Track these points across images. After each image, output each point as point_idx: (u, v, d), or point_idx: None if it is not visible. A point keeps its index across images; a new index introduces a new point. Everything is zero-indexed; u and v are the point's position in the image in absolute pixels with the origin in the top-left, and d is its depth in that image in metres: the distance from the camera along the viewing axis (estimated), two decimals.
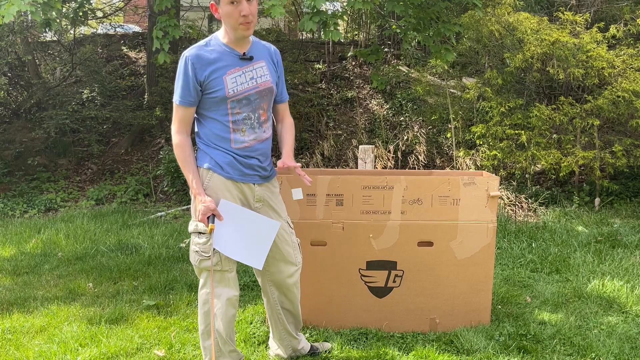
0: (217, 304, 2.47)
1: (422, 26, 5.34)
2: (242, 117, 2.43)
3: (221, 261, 2.43)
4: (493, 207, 3.11)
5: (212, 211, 2.37)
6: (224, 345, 2.53)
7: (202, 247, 2.42)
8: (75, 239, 5.23)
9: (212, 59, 2.37)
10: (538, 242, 4.98)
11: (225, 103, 2.39)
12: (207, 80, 2.36)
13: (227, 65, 2.39)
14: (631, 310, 3.48)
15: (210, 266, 2.43)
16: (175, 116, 2.42)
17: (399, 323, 3.16)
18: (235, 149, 2.43)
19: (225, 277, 2.48)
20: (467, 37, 6.83)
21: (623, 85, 5.88)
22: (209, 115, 2.43)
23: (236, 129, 2.43)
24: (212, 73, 2.36)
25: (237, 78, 2.40)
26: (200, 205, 2.36)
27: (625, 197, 6.53)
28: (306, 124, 8.37)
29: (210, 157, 2.44)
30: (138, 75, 9.87)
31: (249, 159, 2.47)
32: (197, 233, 2.43)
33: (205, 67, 2.35)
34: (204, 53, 2.38)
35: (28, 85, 8.73)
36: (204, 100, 2.40)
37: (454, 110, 7.12)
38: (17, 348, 2.99)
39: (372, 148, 4.20)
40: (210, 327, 2.50)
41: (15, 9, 3.99)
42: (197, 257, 2.45)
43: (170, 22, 5.01)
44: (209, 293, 2.48)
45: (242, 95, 2.41)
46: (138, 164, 8.13)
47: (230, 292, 2.49)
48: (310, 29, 4.23)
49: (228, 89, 2.38)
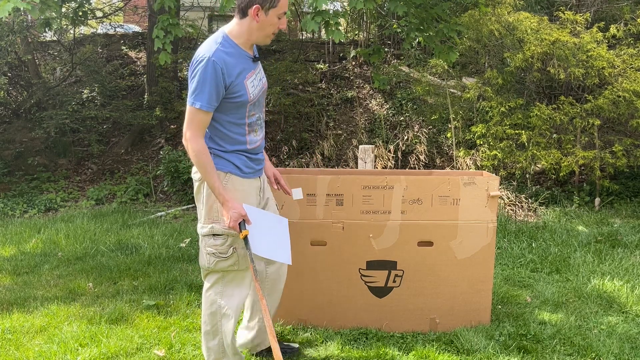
0: (228, 304, 2.49)
1: (424, 27, 5.33)
2: (255, 119, 2.49)
3: (239, 260, 2.46)
4: (493, 207, 3.11)
5: (243, 217, 2.37)
6: (228, 348, 2.54)
7: (219, 249, 2.43)
8: (75, 239, 5.23)
9: (235, 63, 2.35)
10: (538, 242, 4.98)
11: (245, 107, 2.40)
12: (232, 85, 2.34)
13: (245, 69, 2.39)
14: (631, 310, 3.48)
15: (225, 267, 2.45)
16: (192, 121, 2.32)
17: (399, 323, 3.16)
18: (250, 149, 2.47)
19: (240, 276, 2.50)
20: (467, 37, 6.82)
21: (623, 85, 5.88)
22: (227, 119, 2.40)
23: (251, 130, 2.46)
24: (236, 78, 2.34)
25: (254, 81, 2.43)
26: (232, 212, 2.34)
27: (625, 197, 6.53)
28: (306, 123, 8.38)
29: (226, 161, 2.43)
30: (138, 75, 9.87)
31: (257, 155, 2.54)
32: (211, 235, 2.43)
33: (231, 72, 2.33)
34: (228, 57, 2.33)
35: (28, 85, 8.73)
36: (223, 104, 2.36)
37: (454, 110, 7.12)
38: (17, 348, 2.99)
39: (372, 148, 4.20)
40: (217, 327, 2.51)
41: (10, 5, 3.93)
42: (213, 259, 2.45)
43: (173, 21, 5.01)
44: (218, 293, 2.50)
45: (257, 98, 2.46)
46: (138, 163, 8.13)
47: (244, 291, 2.54)
48: (312, 29, 4.23)
49: (250, 93, 2.39)
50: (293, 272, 3.11)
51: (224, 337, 2.51)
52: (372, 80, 8.70)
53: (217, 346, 2.54)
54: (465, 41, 6.88)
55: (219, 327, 2.50)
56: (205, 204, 2.44)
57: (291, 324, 3.16)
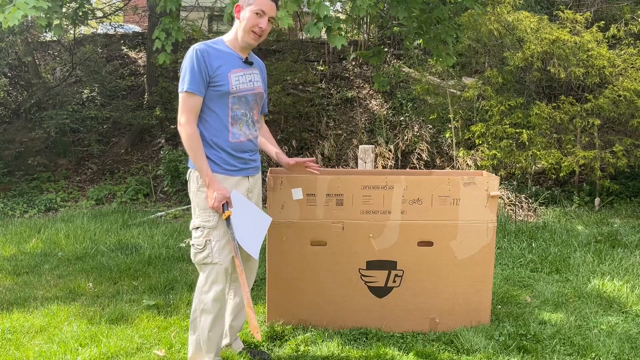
0: (205, 299, 2.58)
1: (423, 30, 5.33)
2: (240, 114, 2.61)
3: (212, 253, 2.56)
4: (493, 207, 3.11)
5: (227, 199, 2.52)
6: (204, 344, 2.62)
7: (197, 241, 2.57)
8: (75, 238, 5.23)
9: (219, 55, 2.56)
10: (538, 242, 4.98)
11: (227, 98, 2.56)
12: (215, 74, 2.52)
13: (229, 63, 2.58)
14: (631, 310, 3.48)
15: (201, 259, 2.57)
16: (184, 107, 2.51)
17: (399, 323, 3.16)
18: (232, 143, 2.59)
19: (215, 271, 2.58)
20: (467, 37, 6.82)
21: (624, 84, 5.87)
22: (212, 107, 2.56)
23: (234, 123, 2.59)
24: (218, 68, 2.53)
25: (240, 77, 2.60)
26: (216, 193, 2.49)
27: (625, 197, 6.53)
28: (306, 123, 8.38)
29: (207, 158, 2.56)
30: (138, 75, 9.87)
31: (242, 154, 2.63)
32: (195, 229, 2.58)
33: (213, 61, 2.53)
34: (212, 49, 2.56)
35: (28, 85, 8.72)
36: (208, 93, 2.54)
37: (454, 110, 7.12)
38: (17, 348, 2.99)
39: (372, 148, 4.20)
40: (196, 322, 2.62)
41: (20, 13, 4.01)
42: (193, 251, 2.60)
43: (174, 24, 5.00)
44: (199, 288, 2.61)
45: (242, 94, 2.60)
46: (138, 163, 8.13)
47: (219, 286, 2.59)
48: (314, 34, 4.24)
49: (232, 85, 2.56)
50: (293, 272, 3.12)
51: (201, 332, 2.60)
52: (371, 81, 8.70)
53: (194, 341, 2.64)
54: (464, 41, 6.88)
55: (198, 322, 2.61)
56: (197, 192, 2.59)
57: (291, 324, 3.16)
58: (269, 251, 3.11)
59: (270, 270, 3.12)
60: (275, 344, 2.99)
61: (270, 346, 2.97)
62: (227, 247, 2.56)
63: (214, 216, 2.54)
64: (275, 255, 3.10)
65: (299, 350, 2.93)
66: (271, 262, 3.12)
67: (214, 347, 2.63)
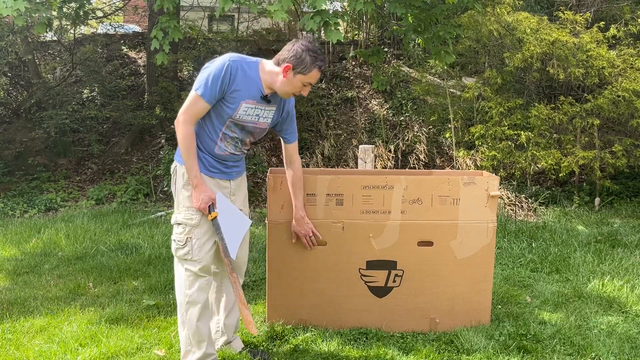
0: (189, 291, 2.60)
1: (422, 28, 5.33)
2: (233, 136, 2.64)
3: (192, 251, 2.58)
4: (493, 207, 3.11)
5: (212, 200, 2.56)
6: (193, 337, 2.63)
7: (178, 237, 2.60)
8: (75, 238, 5.23)
9: (244, 79, 2.54)
10: (538, 242, 4.98)
11: (226, 118, 2.58)
12: (231, 94, 2.52)
13: (249, 94, 2.56)
14: (631, 310, 3.48)
15: (182, 255, 2.60)
16: (189, 107, 2.51)
17: (399, 323, 3.16)
18: (216, 154, 2.64)
19: (196, 266, 2.60)
20: (467, 37, 6.82)
21: (623, 84, 5.87)
22: (212, 115, 2.57)
23: (223, 139, 2.62)
24: (237, 91, 2.53)
25: (249, 109, 2.59)
26: (203, 195, 2.53)
27: (625, 197, 6.53)
28: (306, 123, 8.37)
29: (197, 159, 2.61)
30: (138, 75, 9.87)
31: (225, 161, 2.69)
32: (176, 224, 2.62)
33: (237, 82, 2.51)
34: (242, 71, 2.53)
35: (28, 85, 8.72)
36: (216, 103, 2.55)
37: (454, 110, 7.12)
38: (17, 348, 2.99)
39: (372, 148, 4.20)
40: (184, 317, 2.63)
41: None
42: (174, 245, 2.63)
43: (171, 23, 4.99)
44: (185, 282, 2.62)
45: (242, 123, 2.62)
46: (138, 163, 8.13)
47: (201, 278, 2.62)
48: (311, 28, 4.23)
49: (238, 112, 2.57)
50: (293, 272, 3.12)
51: (189, 325, 2.62)
52: (371, 81, 8.70)
53: (185, 338, 2.65)
54: (464, 41, 6.88)
55: (186, 316, 2.62)
56: (181, 190, 2.62)
57: (291, 324, 3.16)
58: (269, 251, 3.12)
59: (271, 270, 3.13)
60: (275, 344, 2.99)
61: (270, 346, 2.97)
62: (207, 245, 2.60)
63: (197, 215, 2.57)
64: (276, 255, 3.11)
65: (299, 350, 2.93)
66: (271, 262, 3.12)
67: (205, 338, 2.64)
